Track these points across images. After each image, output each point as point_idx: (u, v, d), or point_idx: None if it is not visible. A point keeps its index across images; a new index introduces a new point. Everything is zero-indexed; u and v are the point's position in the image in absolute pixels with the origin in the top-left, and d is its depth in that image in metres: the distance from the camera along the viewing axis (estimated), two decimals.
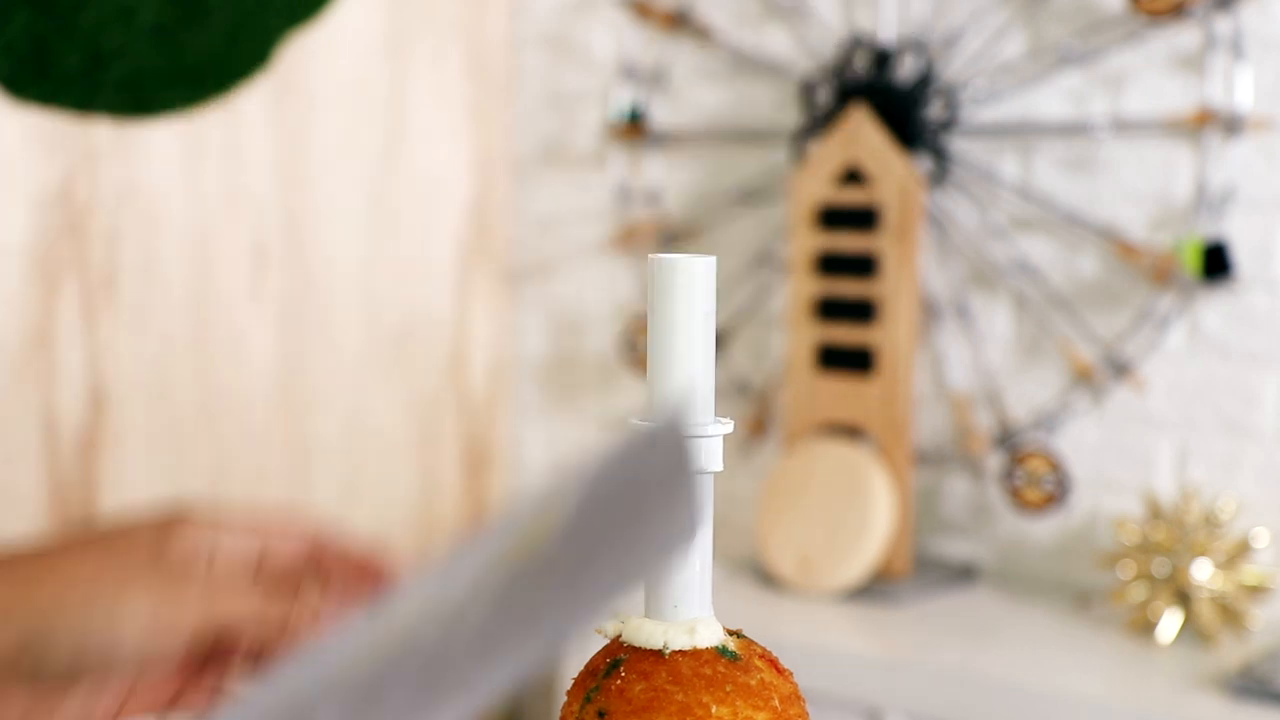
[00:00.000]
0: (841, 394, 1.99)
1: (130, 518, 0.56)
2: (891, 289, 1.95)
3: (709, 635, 0.54)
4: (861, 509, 1.92)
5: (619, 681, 0.54)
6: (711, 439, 0.54)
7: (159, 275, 1.99)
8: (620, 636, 0.55)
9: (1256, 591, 1.78)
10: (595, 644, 0.58)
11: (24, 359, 1.84)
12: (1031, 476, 1.98)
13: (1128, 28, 1.95)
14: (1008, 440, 2.04)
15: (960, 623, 1.88)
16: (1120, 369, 1.97)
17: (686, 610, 0.55)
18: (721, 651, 0.54)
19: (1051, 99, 2.01)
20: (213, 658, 0.54)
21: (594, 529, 0.38)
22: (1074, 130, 1.99)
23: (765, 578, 2.01)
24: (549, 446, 2.49)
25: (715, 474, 0.55)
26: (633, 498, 0.38)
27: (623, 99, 2.32)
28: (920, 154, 2.04)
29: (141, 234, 1.96)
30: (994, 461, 2.07)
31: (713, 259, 0.55)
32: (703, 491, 0.54)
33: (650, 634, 0.54)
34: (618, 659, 0.55)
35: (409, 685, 0.43)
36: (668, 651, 0.53)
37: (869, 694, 1.73)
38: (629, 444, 0.39)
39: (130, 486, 1.96)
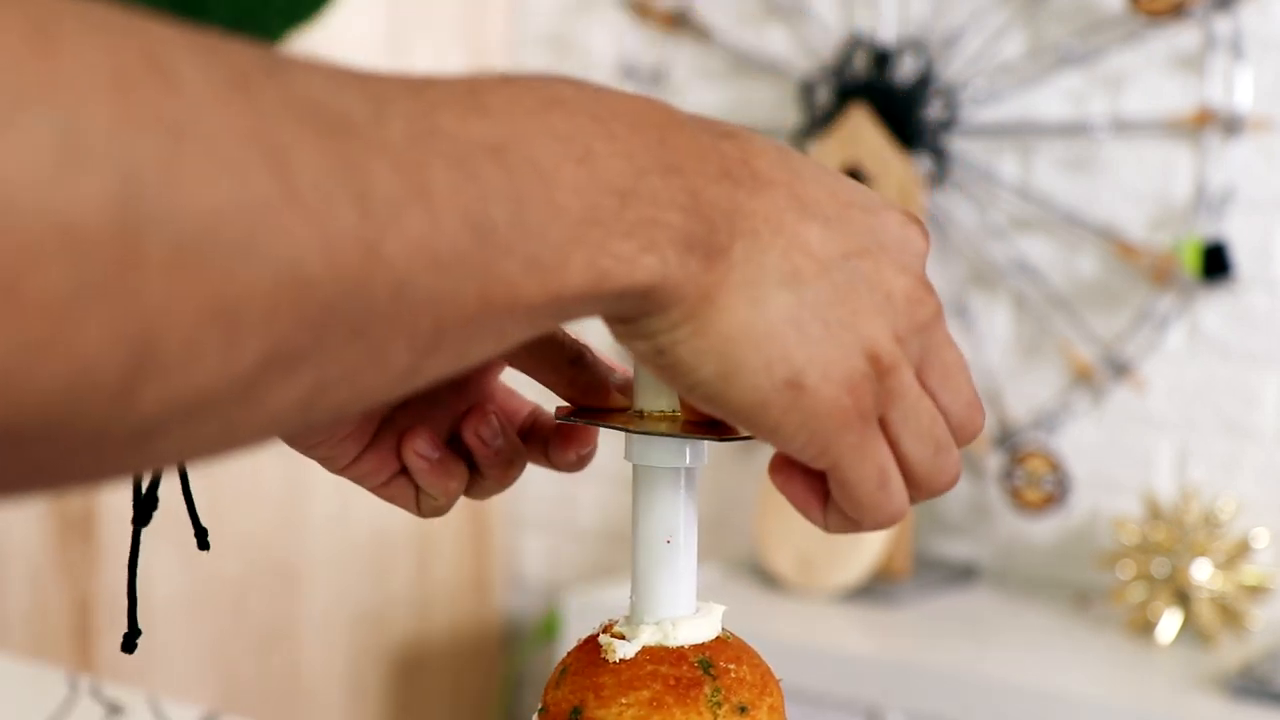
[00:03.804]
0: None
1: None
2: None
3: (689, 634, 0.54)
4: None
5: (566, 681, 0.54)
6: (694, 438, 0.54)
7: None
8: (600, 637, 0.55)
9: (1256, 591, 1.78)
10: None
11: None
12: (1031, 476, 1.98)
13: (1128, 28, 1.95)
14: (1008, 440, 2.04)
15: (960, 623, 1.88)
16: (1120, 369, 1.97)
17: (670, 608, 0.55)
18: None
19: (1051, 99, 2.01)
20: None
21: None
22: (1074, 130, 1.99)
23: (765, 578, 2.01)
24: None
25: (711, 474, 0.54)
26: None
27: None
28: (920, 154, 2.04)
29: None
30: (994, 461, 2.07)
31: None
32: (688, 487, 0.54)
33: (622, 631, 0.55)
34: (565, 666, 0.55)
35: None
36: (615, 658, 0.53)
37: (869, 694, 1.73)
38: None
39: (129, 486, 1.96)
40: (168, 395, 0.32)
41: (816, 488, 0.49)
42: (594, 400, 0.57)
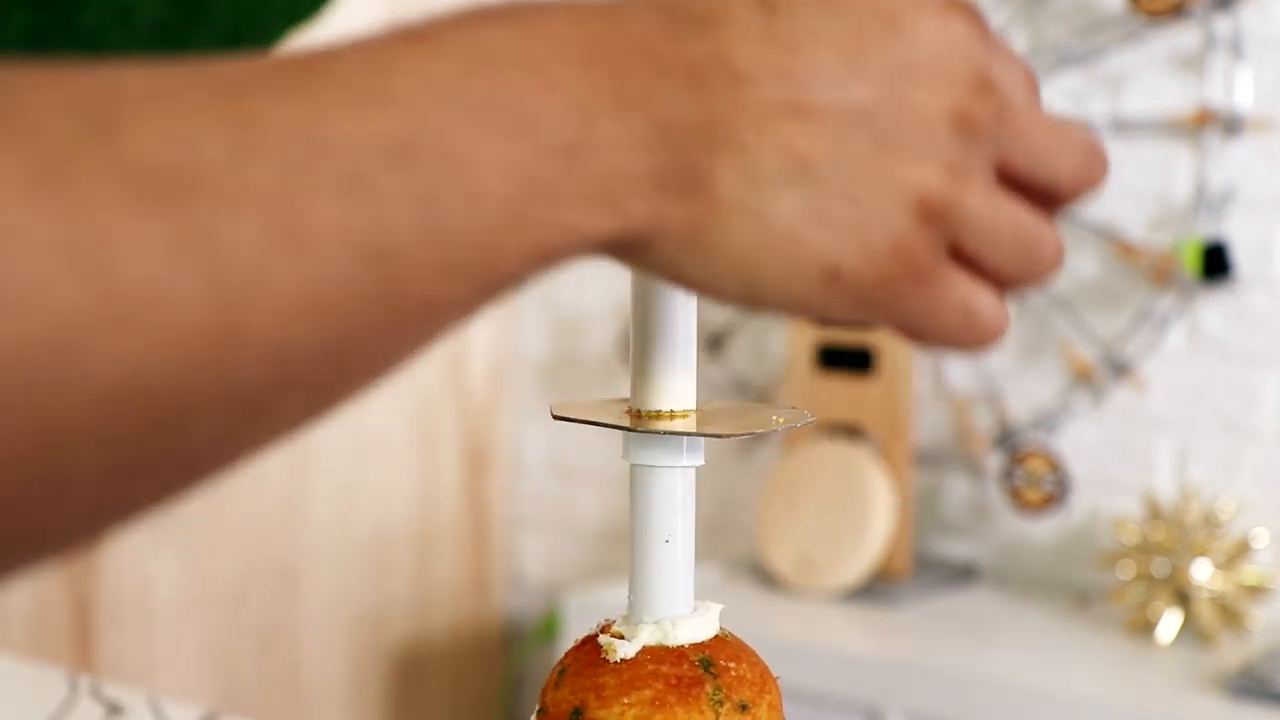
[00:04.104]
0: (841, 394, 1.99)
1: None
2: None
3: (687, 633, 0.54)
4: (861, 509, 1.92)
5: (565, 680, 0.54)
6: (692, 436, 0.54)
7: None
8: (600, 635, 0.55)
9: (1256, 591, 1.78)
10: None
11: None
12: (1031, 476, 1.98)
13: (1128, 28, 1.95)
14: (1008, 440, 2.04)
15: (960, 623, 1.88)
16: (1120, 369, 1.97)
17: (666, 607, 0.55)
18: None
19: (1051, 99, 2.01)
20: None
21: None
22: None
23: (765, 578, 2.01)
24: (549, 446, 2.49)
25: (711, 474, 0.54)
26: None
27: None
28: None
29: None
30: (994, 461, 2.07)
31: None
32: (686, 486, 0.54)
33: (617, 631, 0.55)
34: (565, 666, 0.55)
35: None
36: (616, 658, 0.53)
37: (869, 694, 1.73)
38: None
39: None
40: None
41: None
42: None
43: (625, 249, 0.38)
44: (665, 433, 0.53)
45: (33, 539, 0.30)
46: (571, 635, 1.68)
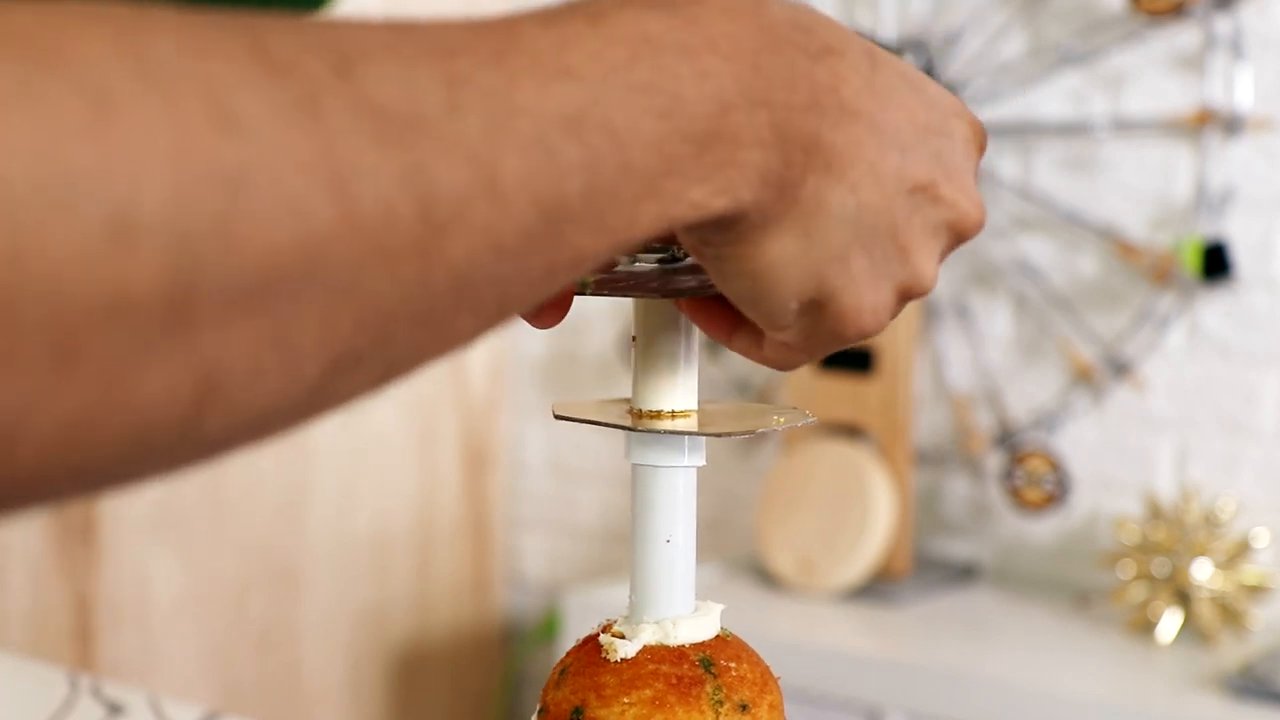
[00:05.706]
0: (841, 394, 1.99)
1: None
2: None
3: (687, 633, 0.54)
4: (861, 509, 1.92)
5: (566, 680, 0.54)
6: (693, 435, 0.54)
7: None
8: (601, 635, 0.55)
9: (1256, 591, 1.78)
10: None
11: None
12: (1031, 476, 1.98)
13: (1128, 28, 1.95)
14: (1008, 440, 2.04)
15: (960, 623, 1.88)
16: (1120, 369, 1.97)
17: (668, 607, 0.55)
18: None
19: (1051, 99, 2.01)
20: None
21: None
22: (1074, 130, 1.99)
23: (765, 578, 2.01)
24: (549, 446, 2.49)
25: (711, 474, 0.54)
26: None
27: None
28: None
29: None
30: (994, 461, 2.07)
31: None
32: (687, 486, 0.54)
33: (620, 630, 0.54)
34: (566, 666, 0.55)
35: None
36: (616, 657, 0.53)
37: (869, 694, 1.73)
38: None
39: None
40: (235, 418, 0.33)
41: (730, 319, 0.51)
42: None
43: (715, 227, 0.43)
44: (667, 432, 0.53)
45: (263, 419, 0.34)
46: (571, 635, 1.68)
